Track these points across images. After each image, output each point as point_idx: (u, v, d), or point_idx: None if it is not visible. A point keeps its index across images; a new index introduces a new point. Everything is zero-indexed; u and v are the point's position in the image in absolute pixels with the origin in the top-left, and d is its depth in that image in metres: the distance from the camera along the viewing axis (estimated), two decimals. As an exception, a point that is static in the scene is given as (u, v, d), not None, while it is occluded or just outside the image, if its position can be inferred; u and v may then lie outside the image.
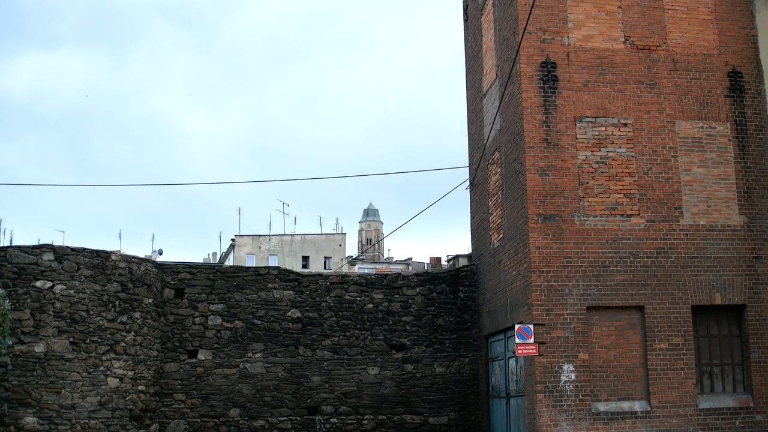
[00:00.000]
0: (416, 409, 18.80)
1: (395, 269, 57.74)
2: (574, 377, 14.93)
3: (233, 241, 67.43)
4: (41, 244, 16.39)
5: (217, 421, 18.01)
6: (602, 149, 15.99)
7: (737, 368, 15.92)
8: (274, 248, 66.88)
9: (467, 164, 21.28)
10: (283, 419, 18.25)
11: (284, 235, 68.72)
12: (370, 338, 18.93)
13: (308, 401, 18.48)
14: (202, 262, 62.10)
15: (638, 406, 15.12)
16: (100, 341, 16.30)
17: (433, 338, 19.15)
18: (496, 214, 18.10)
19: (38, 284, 15.90)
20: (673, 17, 16.79)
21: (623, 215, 15.78)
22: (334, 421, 18.44)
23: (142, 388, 17.15)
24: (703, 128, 16.44)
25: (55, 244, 16.76)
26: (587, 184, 15.79)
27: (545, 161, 15.73)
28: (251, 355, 18.40)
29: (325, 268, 65.51)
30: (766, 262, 16.03)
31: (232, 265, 35.72)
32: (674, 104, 16.40)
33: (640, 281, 15.53)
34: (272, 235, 68.38)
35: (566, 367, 14.95)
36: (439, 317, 19.31)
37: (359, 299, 19.11)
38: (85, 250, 16.51)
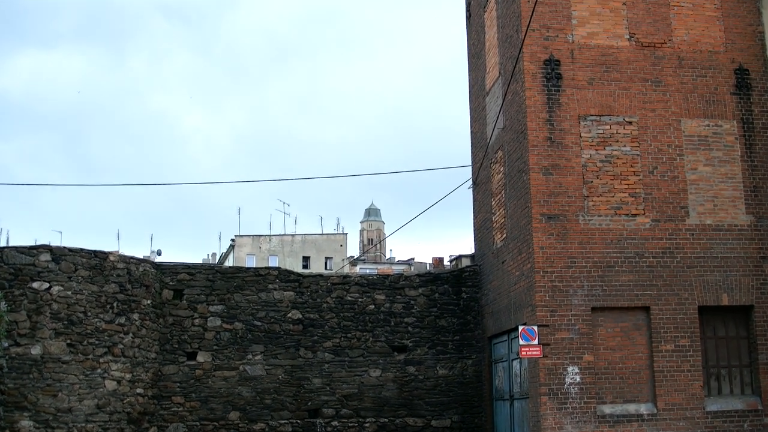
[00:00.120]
0: (418, 411, 18.78)
1: (397, 270, 57.75)
2: (578, 379, 14.91)
3: (233, 241, 67.47)
4: (38, 244, 16.36)
5: (216, 424, 18.00)
6: (607, 148, 15.97)
7: (745, 370, 15.90)
8: (274, 248, 66.88)
9: (470, 163, 21.25)
10: (283, 422, 18.24)
11: (285, 235, 68.73)
12: (371, 340, 18.92)
13: (309, 404, 18.47)
14: (201, 262, 62.06)
15: (644, 408, 15.08)
16: (97, 343, 16.27)
17: (435, 340, 19.13)
18: (499, 213, 18.07)
19: (35, 285, 15.87)
20: (678, 14, 16.77)
21: (628, 215, 15.76)
22: (335, 424, 18.42)
23: (140, 390, 17.13)
24: (709, 126, 16.41)
25: (52, 244, 16.72)
26: (592, 183, 15.77)
27: (549, 160, 15.72)
28: (251, 357, 18.38)
29: (326, 268, 65.52)
30: (773, 262, 16.00)
31: (231, 265, 35.78)
32: (680, 102, 16.39)
33: (645, 282, 15.51)
34: (272, 235, 68.38)
35: (571, 368, 14.93)
36: (441, 318, 19.30)
37: (361, 300, 19.09)
38: (82, 250, 16.47)
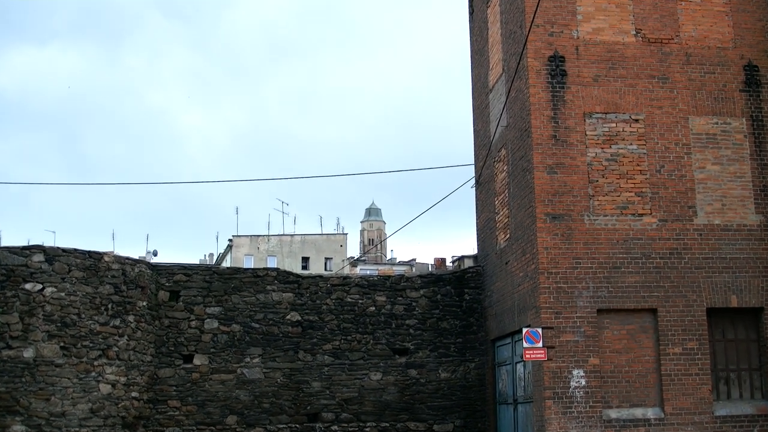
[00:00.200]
0: (420, 416, 18.75)
1: (398, 271, 57.67)
2: (584, 383, 14.88)
3: (231, 241, 67.46)
4: (31, 244, 16.33)
5: (213, 428, 17.97)
6: (613, 146, 15.97)
7: (755, 374, 15.84)
8: (273, 249, 66.87)
9: (472, 162, 21.27)
10: (282, 427, 18.20)
11: (283, 235, 68.70)
12: (372, 342, 18.90)
13: (308, 408, 18.43)
14: (198, 263, 61.99)
15: (651, 413, 15.04)
16: (91, 346, 16.23)
17: (437, 342, 19.11)
18: (502, 213, 18.06)
19: (27, 287, 15.85)
20: (686, 9, 16.73)
21: (635, 214, 15.73)
22: (335, 428, 18.40)
23: (135, 394, 17.09)
24: (717, 124, 16.37)
25: (45, 244, 16.71)
26: (597, 182, 15.76)
27: (553, 158, 15.70)
28: (249, 360, 18.36)
29: (325, 269, 65.53)
30: (783, 263, 15.94)
31: (229, 266, 35.62)
32: (687, 99, 16.35)
33: (652, 283, 15.47)
34: (271, 235, 68.36)
35: (576, 372, 14.90)
36: (443, 320, 19.28)
37: (361, 302, 19.07)
38: (76, 251, 16.44)
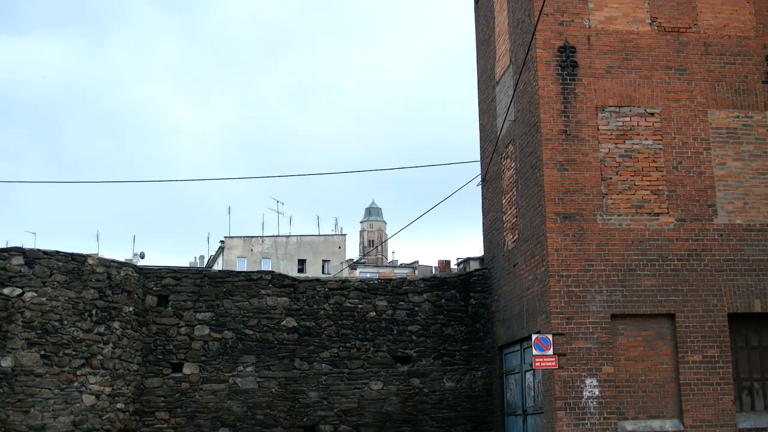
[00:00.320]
0: (423, 427, 18.72)
1: (400, 274, 57.66)
2: (597, 393, 14.84)
3: (222, 243, 67.54)
4: (10, 246, 16.30)
5: (204, 441, 17.92)
6: (627, 141, 15.96)
7: (780, 383, 15.82)
8: (267, 251, 66.93)
9: (478, 159, 21.28)
10: (277, 439, 18.16)
11: (278, 236, 68.77)
12: (372, 350, 18.88)
13: (305, 419, 18.39)
14: (188, 266, 61.80)
15: (670, 425, 15.00)
16: (74, 354, 16.18)
17: (441, 350, 19.09)
18: (510, 212, 18.06)
19: (6, 291, 15.79)
20: (705, -4, 16.72)
21: (651, 214, 15.71)
22: (333, 441, 18.35)
23: (120, 405, 17.03)
24: (738, 118, 16.32)
25: (25, 246, 16.67)
26: (610, 179, 15.75)
27: (564, 155, 15.71)
28: (242, 368, 18.33)
29: (323, 272, 65.64)
30: (809, 265, 15.89)
31: (221, 269, 35.70)
32: (706, 92, 16.32)
33: (670, 286, 15.43)
34: (265, 236, 68.43)
35: (589, 381, 14.87)
36: (448, 326, 19.25)
37: (361, 307, 19.05)
38: (58, 253, 16.42)
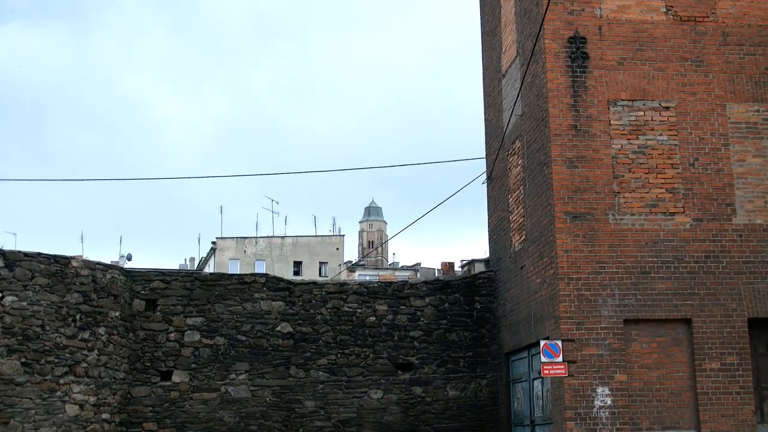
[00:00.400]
0: (426, 438, 18.70)
1: (401, 276, 57.70)
2: (609, 402, 14.80)
3: (214, 244, 67.69)
4: (-10, 248, 16.30)
5: (194, 453, 17.93)
6: (640, 137, 15.96)
7: (803, 392, 15.79)
8: (261, 252, 67.02)
9: (483, 155, 21.28)
10: (271, 451, 18.17)
11: (273, 237, 68.90)
12: (372, 356, 18.87)
13: (300, 430, 18.36)
14: (177, 268, 61.94)
15: (686, 436, 15.04)
16: (57, 362, 16.14)
17: (445, 356, 19.08)
18: (517, 212, 18.03)
19: (-15, 295, 15.81)
20: (722, -17, 16.74)
21: (665, 213, 15.68)
22: (330, 452, 18.37)
23: (106, 416, 17.02)
24: (759, 111, 16.30)
25: (5, 248, 16.66)
26: (623, 177, 15.74)
27: (574, 151, 15.70)
28: (235, 376, 18.31)
29: (320, 275, 65.76)
30: (834, 267, 15.86)
31: (212, 272, 35.70)
32: (725, 84, 16.29)
33: (686, 290, 15.39)
34: (259, 237, 68.54)
35: (601, 390, 14.82)
36: (452, 332, 19.24)
37: (360, 311, 19.04)
38: (40, 255, 16.39)
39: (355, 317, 18.97)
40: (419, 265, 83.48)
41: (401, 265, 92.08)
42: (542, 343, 14.87)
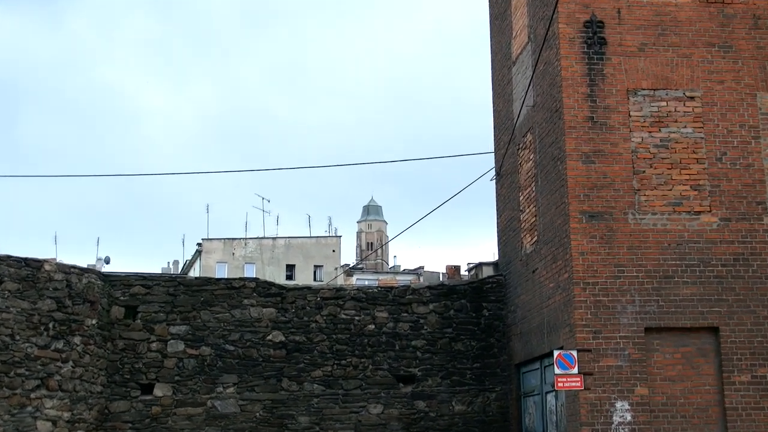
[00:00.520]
0: (429, 457, 18.76)
1: (403, 281, 57.55)
2: (629, 418, 14.80)
3: (200, 246, 67.62)
4: (-47, 251, 16.37)
5: (178, 473, 17.99)
6: (663, 129, 15.97)
7: (841, 408, 15.77)
8: (251, 255, 67.00)
9: (492, 149, 21.31)
10: (261, 471, 18.20)
11: (264, 238, 68.87)
12: (371, 368, 18.90)
13: (293, 448, 18.37)
14: (160, 272, 62.07)
15: (713, 455, 15.05)
16: (28, 374, 16.13)
17: (450, 368, 19.11)
18: (528, 211, 18.08)
19: (-51, 302, 15.83)
20: (753, -39, 16.77)
21: (690, 212, 15.71)
22: (325, 472, 18.42)
23: (82, 432, 17.03)
24: (792, 101, 16.35)
25: (-29, 250, 16.72)
26: (644, 173, 15.77)
27: (590, 145, 15.74)
28: (222, 389, 18.33)
29: (315, 279, 65.76)
30: None
31: (198, 276, 35.61)
32: (755, 72, 16.30)
33: (713, 296, 15.40)
34: (249, 238, 68.53)
35: (620, 404, 14.83)
36: (458, 341, 19.26)
37: (358, 319, 19.06)
38: (9, 257, 16.43)
39: (352, 325, 18.98)
40: (422, 268, 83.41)
41: (403, 268, 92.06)
42: (556, 353, 14.83)
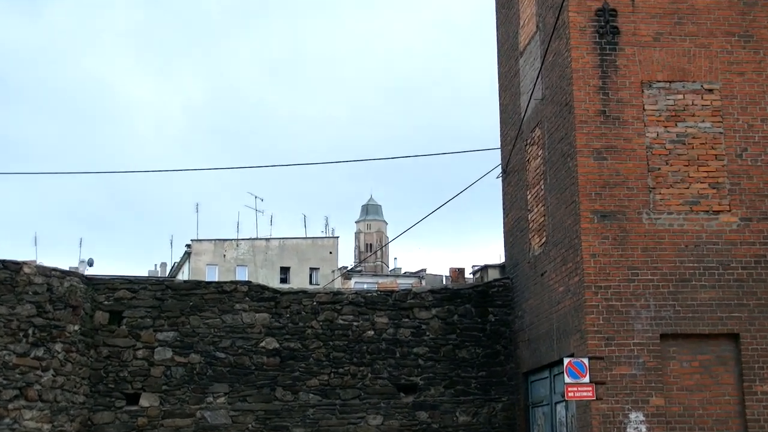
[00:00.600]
0: (432, 471, 18.77)
1: (404, 284, 57.63)
2: (644, 430, 14.77)
3: (189, 247, 67.82)
4: (-73, 252, 16.35)
5: (166, 488, 18.02)
6: (679, 124, 15.96)
7: None
8: (243, 257, 67.15)
9: (498, 145, 21.32)
10: (254, 486, 18.24)
11: (257, 239, 69.04)
12: (370, 376, 18.91)
13: (288, 461, 18.40)
14: (147, 276, 62.19)
15: (733, 470, 15.06)
16: (6, 383, 16.13)
17: (454, 376, 19.12)
18: (537, 211, 18.10)
19: None
20: (776, -56, 16.78)
21: (709, 212, 15.70)
22: (322, 487, 18.42)
23: (63, 446, 17.03)
24: (818, 95, 16.35)
25: (-53, 252, 16.75)
26: (659, 170, 15.76)
27: (602, 140, 15.74)
28: (212, 400, 18.34)
29: (311, 283, 65.89)
30: None
31: (187, 279, 35.68)
32: (778, 63, 16.36)
33: (732, 300, 15.36)
34: (241, 239, 68.66)
35: (634, 416, 14.81)
36: (462, 348, 19.28)
37: (356, 324, 19.09)
38: (-13, 260, 16.49)
39: (350, 331, 18.99)
40: (424, 271, 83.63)
41: (404, 271, 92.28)
42: (566, 361, 14.84)
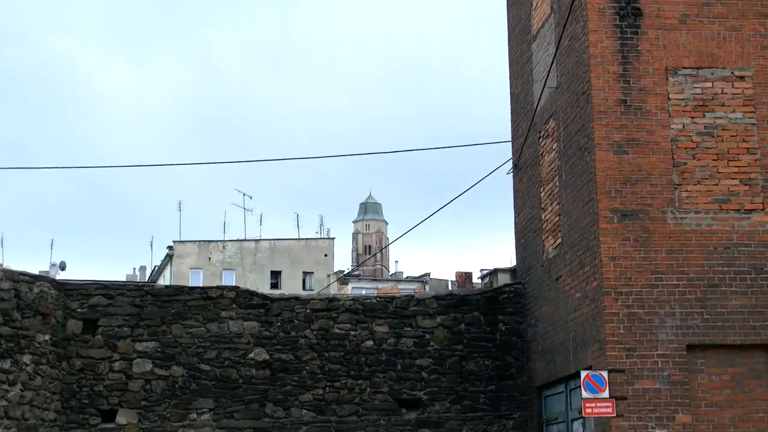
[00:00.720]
0: (436, 494, 18.79)
1: (406, 290, 57.70)
2: (670, 450, 14.85)
3: (171, 249, 67.82)
4: None
5: None
6: (707, 114, 16.00)
7: None
8: (230, 260, 67.14)
9: (509, 138, 21.36)
10: None
11: (245, 240, 69.02)
12: (369, 391, 18.93)
13: (279, 484, 18.45)
14: (124, 280, 62.38)
15: (767, 494, 15.08)
16: (-30, 399, 16.18)
17: (461, 390, 19.13)
18: (551, 209, 18.13)
19: None
20: None
21: (740, 210, 15.71)
22: None
23: (33, 466, 17.03)
24: None
25: None
26: (685, 165, 15.79)
27: (623, 133, 15.78)
28: (196, 416, 18.36)
29: (304, 288, 65.90)
30: None
31: (168, 284, 35.59)
32: (816, 47, 16.40)
33: (766, 308, 15.36)
34: (228, 240, 68.61)
35: (658, 434, 14.90)
36: (469, 360, 19.29)
37: (354, 333, 19.10)
38: (-51, 264, 16.39)
39: (347, 341, 19.00)
40: (428, 275, 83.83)
41: (406, 275, 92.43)
42: (584, 374, 14.90)
